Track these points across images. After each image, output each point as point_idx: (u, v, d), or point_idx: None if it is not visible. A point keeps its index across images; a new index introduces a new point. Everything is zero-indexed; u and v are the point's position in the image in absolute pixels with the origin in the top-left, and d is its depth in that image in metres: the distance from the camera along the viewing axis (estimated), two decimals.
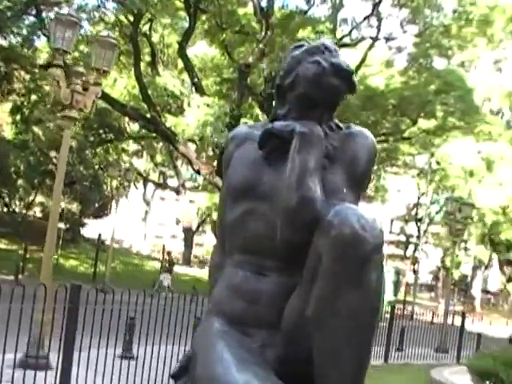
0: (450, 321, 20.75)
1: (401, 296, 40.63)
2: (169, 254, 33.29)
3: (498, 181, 36.45)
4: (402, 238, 60.55)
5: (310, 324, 2.35)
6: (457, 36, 31.12)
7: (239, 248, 2.68)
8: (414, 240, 55.61)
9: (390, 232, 62.79)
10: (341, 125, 2.75)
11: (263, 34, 28.07)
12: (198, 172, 31.48)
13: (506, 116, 44.31)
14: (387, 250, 65.95)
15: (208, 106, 26.65)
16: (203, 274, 45.35)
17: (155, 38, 31.96)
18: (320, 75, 2.62)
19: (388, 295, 34.91)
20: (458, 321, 21.34)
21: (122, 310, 7.77)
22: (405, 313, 20.75)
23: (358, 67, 29.81)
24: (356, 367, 2.33)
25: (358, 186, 2.68)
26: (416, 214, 53.72)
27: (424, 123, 33.41)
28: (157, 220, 70.02)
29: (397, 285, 40.39)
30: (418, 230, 51.80)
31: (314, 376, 2.37)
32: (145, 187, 58.71)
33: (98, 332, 7.22)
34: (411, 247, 57.54)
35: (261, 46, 28.05)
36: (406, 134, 33.62)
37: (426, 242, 54.26)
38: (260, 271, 2.61)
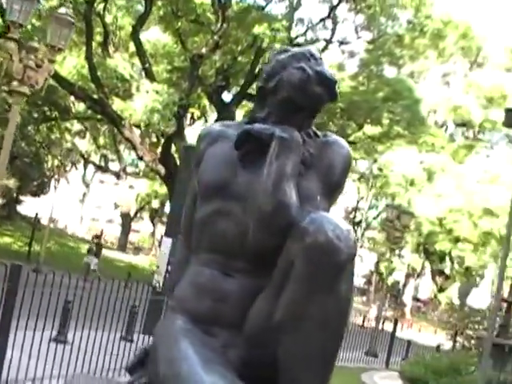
0: (380, 326, 21.05)
1: None
2: (98, 237, 32.87)
3: (437, 192, 37.12)
4: None
5: (278, 328, 2.34)
6: (409, 46, 31.65)
7: (207, 247, 2.66)
8: None
9: None
10: (318, 132, 2.75)
11: (219, 25, 27.99)
12: (140, 158, 31.26)
13: (450, 129, 45.14)
14: None
15: (157, 92, 26.44)
16: (138, 260, 45.04)
17: (109, 18, 31.41)
18: (305, 82, 2.63)
19: None
20: (388, 326, 21.64)
21: (56, 293, 7.60)
22: None
23: None
24: (326, 371, 2.37)
25: (332, 195, 2.68)
26: (354, 217, 54.29)
27: (370, 129, 33.86)
28: (94, 203, 69.06)
29: None
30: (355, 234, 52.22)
31: (281, 380, 2.36)
32: (85, 169, 57.90)
33: (32, 314, 7.07)
34: None
35: (215, 37, 27.99)
36: (351, 139, 33.90)
37: (361, 246, 54.87)
38: (227, 271, 2.59)
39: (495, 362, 11.98)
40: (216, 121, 28.57)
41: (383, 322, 22.02)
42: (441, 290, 54.92)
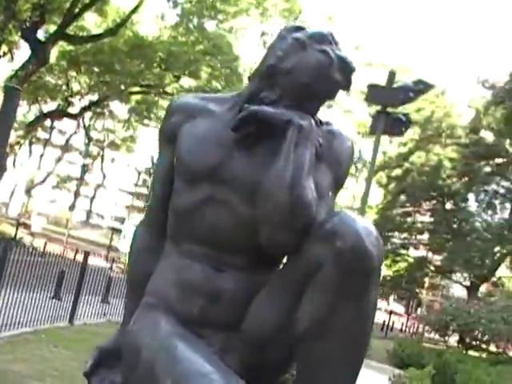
0: None
1: None
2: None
3: None
4: (145, 191, 60.90)
5: (302, 335, 2.15)
6: (234, 3, 31.57)
7: (193, 237, 2.39)
8: None
9: (136, 185, 62.99)
10: (321, 119, 2.52)
11: None
12: None
13: None
14: (130, 201, 66.22)
15: None
16: None
17: None
18: (327, 68, 2.37)
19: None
20: None
21: None
22: None
23: (132, 13, 29.27)
24: (352, 379, 2.20)
25: (337, 191, 2.52)
26: None
27: (187, 82, 33.60)
28: None
29: None
30: None
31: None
32: None
33: None
34: None
35: None
36: (168, 90, 33.55)
37: None
38: (219, 266, 2.35)
39: None
40: (29, 60, 27.15)
41: None
42: None
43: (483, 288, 33.06)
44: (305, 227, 2.19)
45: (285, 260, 2.40)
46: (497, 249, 31.05)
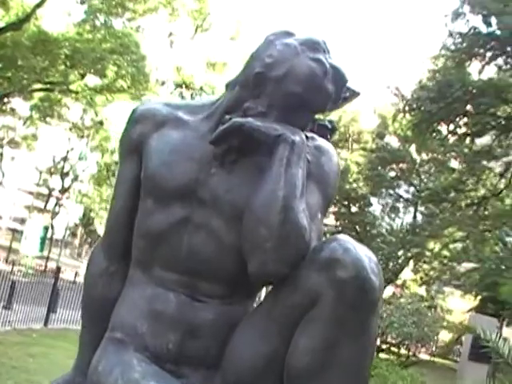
0: None
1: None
2: None
3: None
4: (45, 191, 59.20)
5: (298, 374, 1.89)
6: (142, 1, 31.08)
7: (166, 263, 2.10)
8: (56, 194, 54.75)
9: (37, 184, 61.17)
10: (308, 134, 2.27)
11: None
12: None
13: (170, 88, 45.50)
14: (30, 201, 64.29)
15: None
16: None
17: None
18: (321, 77, 2.13)
19: (34, 251, 33.90)
20: None
21: None
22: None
23: (37, 7, 28.37)
24: None
25: (326, 211, 2.27)
26: (63, 168, 52.84)
27: (93, 80, 32.82)
28: None
29: (44, 240, 39.45)
30: (62, 185, 51.10)
31: None
32: None
33: None
34: (53, 201, 56.49)
35: None
36: (73, 88, 32.64)
37: (68, 198, 53.83)
38: (195, 296, 2.08)
39: None
40: None
41: None
42: None
43: (389, 291, 33.74)
44: (300, 254, 1.96)
45: (268, 288, 2.14)
46: (401, 252, 31.65)
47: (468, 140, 23.65)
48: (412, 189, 35.60)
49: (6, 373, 7.69)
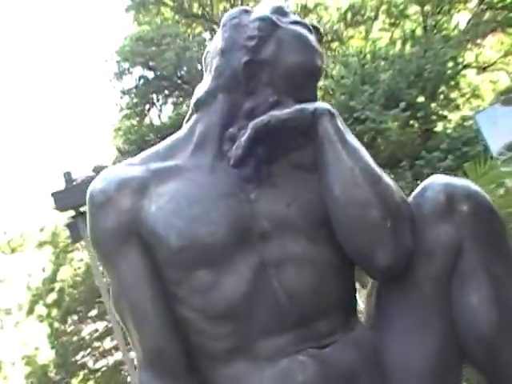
0: None
1: None
2: None
3: None
4: None
5: (477, 335, 1.53)
6: None
7: (267, 327, 1.53)
8: None
9: None
10: None
11: None
12: None
13: None
14: None
15: None
16: None
17: None
18: (309, 37, 1.74)
19: None
20: None
21: None
22: None
23: None
24: None
25: None
26: None
27: None
28: None
29: None
30: None
31: None
32: None
33: None
34: None
35: None
36: None
37: None
38: (320, 341, 1.55)
39: None
40: None
41: None
42: None
43: None
44: (412, 217, 1.57)
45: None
46: None
47: None
48: None
49: None
